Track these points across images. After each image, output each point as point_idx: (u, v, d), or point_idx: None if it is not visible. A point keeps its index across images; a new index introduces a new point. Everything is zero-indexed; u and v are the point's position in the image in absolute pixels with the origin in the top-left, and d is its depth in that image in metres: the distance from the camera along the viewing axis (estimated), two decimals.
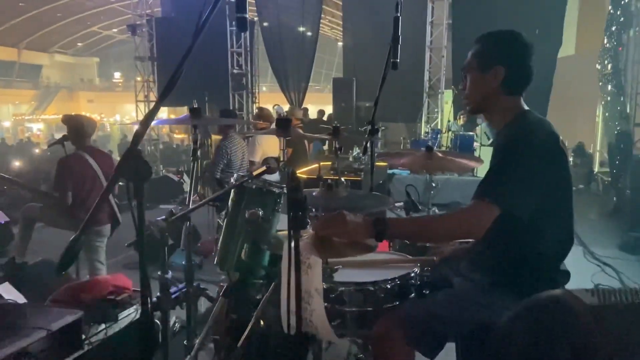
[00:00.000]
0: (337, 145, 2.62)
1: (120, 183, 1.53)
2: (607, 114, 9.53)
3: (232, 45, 11.30)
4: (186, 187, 8.93)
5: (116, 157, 6.16)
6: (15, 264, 4.16)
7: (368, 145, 2.87)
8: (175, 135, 20.51)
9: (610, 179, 8.82)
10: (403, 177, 6.90)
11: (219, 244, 2.22)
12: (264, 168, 1.68)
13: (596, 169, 11.15)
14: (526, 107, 1.86)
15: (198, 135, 2.27)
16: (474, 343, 1.78)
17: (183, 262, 2.35)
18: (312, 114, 12.81)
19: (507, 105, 1.85)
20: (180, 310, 2.33)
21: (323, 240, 1.56)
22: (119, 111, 34.73)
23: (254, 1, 12.14)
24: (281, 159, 1.76)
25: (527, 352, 0.89)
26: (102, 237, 4.11)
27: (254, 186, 2.06)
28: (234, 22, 10.59)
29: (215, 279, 3.38)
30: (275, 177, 2.32)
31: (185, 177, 9.89)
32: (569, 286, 1.83)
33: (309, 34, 12.32)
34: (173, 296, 2.04)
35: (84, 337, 2.28)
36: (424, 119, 10.73)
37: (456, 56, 9.36)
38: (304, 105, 12.75)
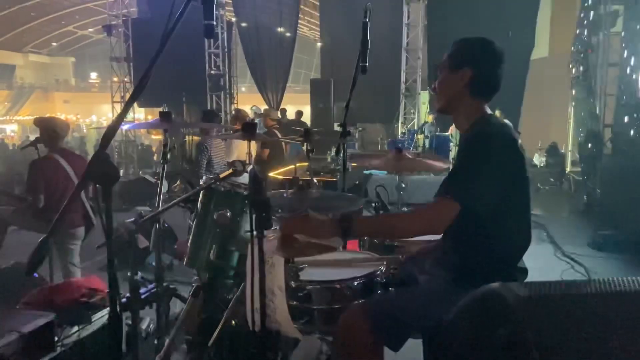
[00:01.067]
0: (308, 147, 2.67)
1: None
2: (574, 117, 9.74)
3: (210, 46, 11.27)
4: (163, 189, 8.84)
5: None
6: None
7: (340, 147, 2.94)
8: (152, 137, 20.23)
9: (581, 178, 9.02)
10: (379, 178, 6.99)
11: (189, 245, 2.26)
12: (230, 171, 1.72)
13: (568, 168, 11.36)
14: (489, 112, 1.94)
15: (168, 139, 2.29)
16: (438, 338, 1.84)
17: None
18: (291, 114, 12.81)
19: (471, 108, 1.92)
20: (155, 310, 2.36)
21: (289, 240, 1.61)
22: (96, 112, 34.13)
23: (231, 1, 12.12)
24: (247, 162, 1.80)
25: (468, 344, 0.94)
26: (75, 239, 4.09)
27: (222, 188, 2.10)
28: None
29: (191, 279, 3.40)
30: (246, 178, 2.31)
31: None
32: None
33: (288, 34, 12.34)
34: (142, 297, 2.06)
35: (56, 339, 2.29)
36: (400, 119, 10.85)
37: (431, 57, 9.49)
38: (282, 106, 12.74)
